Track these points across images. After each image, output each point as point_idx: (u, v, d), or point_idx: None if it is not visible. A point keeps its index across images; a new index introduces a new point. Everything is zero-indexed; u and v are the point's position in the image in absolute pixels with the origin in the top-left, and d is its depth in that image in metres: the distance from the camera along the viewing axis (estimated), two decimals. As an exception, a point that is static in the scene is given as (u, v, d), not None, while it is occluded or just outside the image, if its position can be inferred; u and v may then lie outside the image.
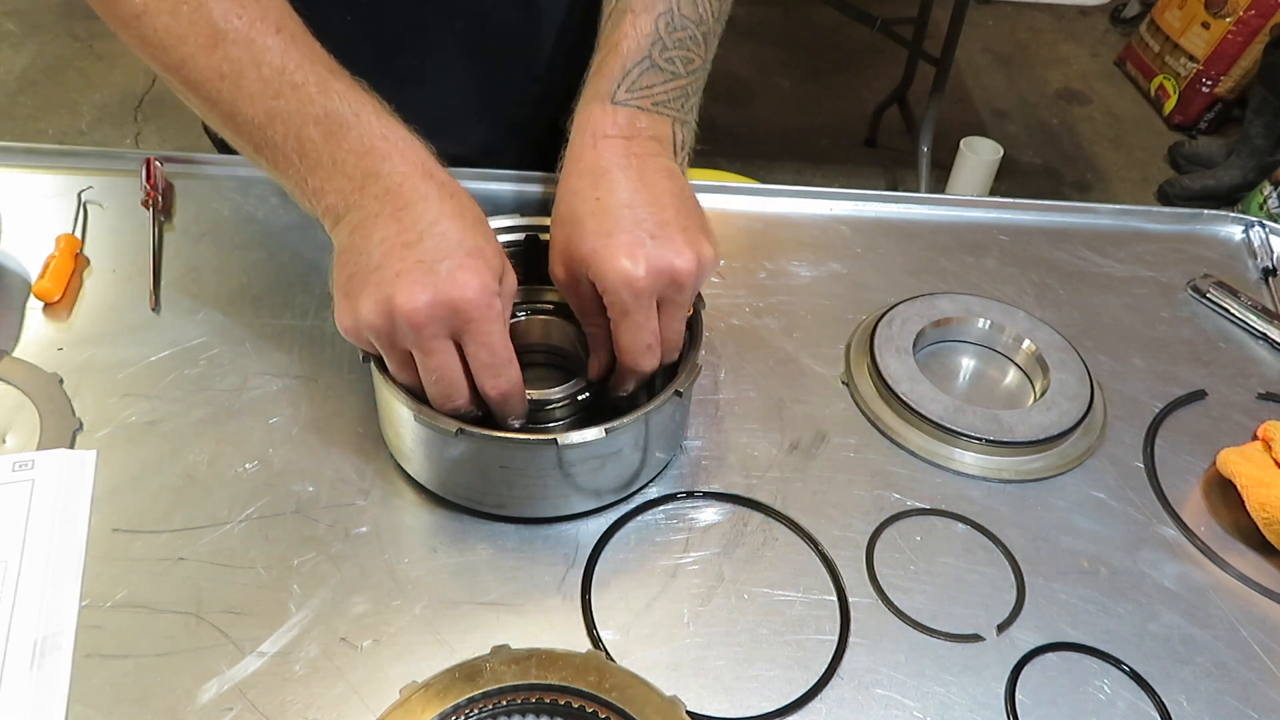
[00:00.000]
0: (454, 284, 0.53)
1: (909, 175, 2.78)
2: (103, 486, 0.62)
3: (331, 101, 0.57)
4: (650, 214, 0.59)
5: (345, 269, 0.56)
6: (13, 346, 0.71)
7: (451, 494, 0.63)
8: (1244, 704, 0.57)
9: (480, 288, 0.53)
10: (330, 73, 0.58)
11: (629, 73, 0.63)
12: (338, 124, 0.57)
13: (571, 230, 0.60)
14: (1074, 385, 0.73)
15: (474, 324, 0.54)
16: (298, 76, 0.57)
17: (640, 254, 0.57)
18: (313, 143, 0.57)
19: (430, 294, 0.52)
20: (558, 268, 0.62)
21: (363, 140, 0.57)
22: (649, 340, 0.59)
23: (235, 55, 0.57)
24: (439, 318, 0.53)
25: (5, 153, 0.87)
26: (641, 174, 0.61)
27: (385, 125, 0.58)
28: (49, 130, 2.77)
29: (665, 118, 0.63)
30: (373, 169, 0.56)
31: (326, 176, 0.57)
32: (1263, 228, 0.92)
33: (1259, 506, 0.65)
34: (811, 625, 0.59)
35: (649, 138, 0.62)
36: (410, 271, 0.53)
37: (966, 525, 0.65)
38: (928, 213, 0.93)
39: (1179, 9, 3.22)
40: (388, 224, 0.55)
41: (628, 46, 0.63)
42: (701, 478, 0.67)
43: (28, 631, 0.54)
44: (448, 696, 0.51)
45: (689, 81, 0.65)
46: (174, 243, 0.81)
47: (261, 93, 0.57)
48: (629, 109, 0.62)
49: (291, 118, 0.57)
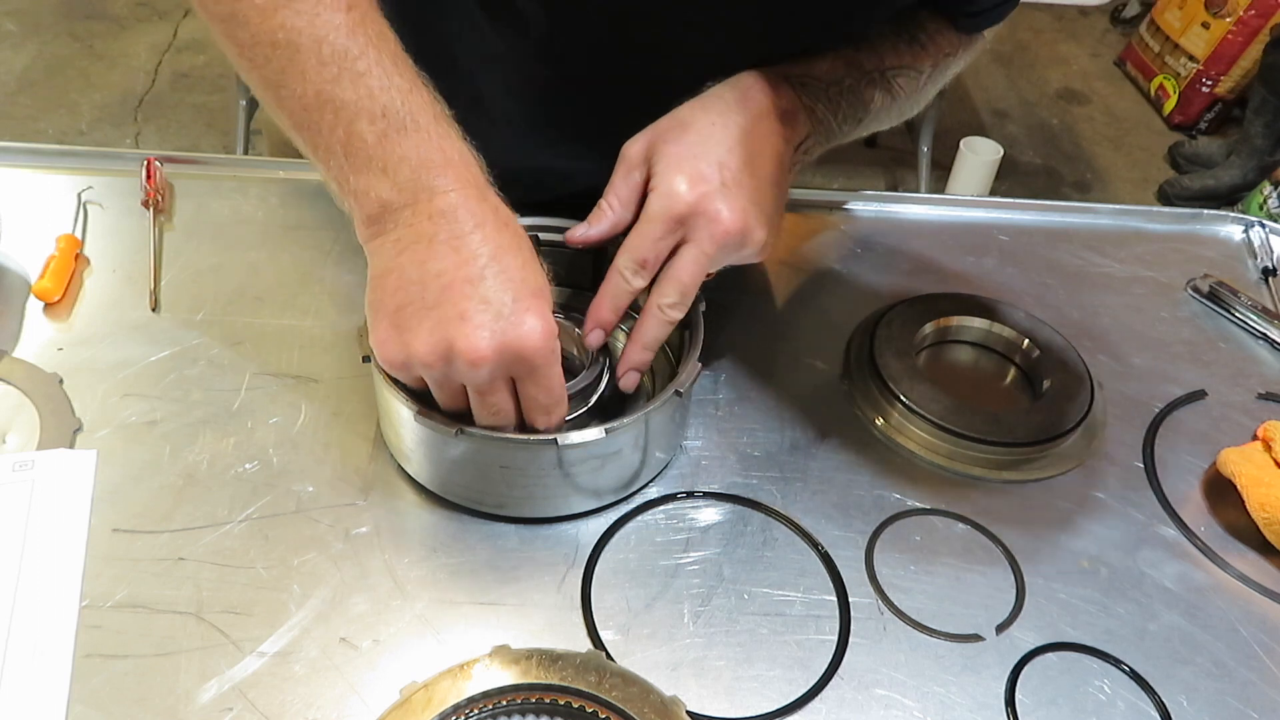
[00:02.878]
0: (520, 329, 0.51)
1: (909, 175, 2.78)
2: (103, 486, 0.62)
3: (391, 100, 0.53)
4: (739, 169, 0.60)
5: (394, 296, 0.53)
6: (13, 346, 0.71)
7: (451, 494, 0.63)
8: (1244, 704, 0.57)
9: (545, 333, 0.52)
10: (394, 63, 0.54)
11: (811, 77, 0.66)
12: (396, 126, 0.52)
13: (675, 129, 0.61)
14: (1074, 385, 0.73)
15: (538, 370, 0.53)
16: (361, 64, 0.53)
17: (699, 187, 0.59)
18: (363, 141, 0.53)
19: (498, 341, 0.51)
20: (637, 143, 0.62)
21: (419, 150, 0.53)
22: (648, 255, 0.60)
23: (296, 25, 0.52)
24: (504, 363, 0.52)
25: (5, 153, 0.87)
26: (760, 145, 0.62)
27: (443, 136, 0.54)
28: (49, 130, 2.77)
29: (810, 120, 0.66)
30: (426, 183, 0.53)
31: (374, 181, 0.53)
32: (1263, 228, 0.92)
33: (1259, 506, 0.65)
34: (811, 625, 0.59)
35: (788, 124, 0.64)
36: (475, 315, 0.51)
37: (966, 525, 0.65)
38: (928, 213, 0.93)
39: (1179, 9, 3.22)
40: (445, 253, 0.52)
41: (820, 64, 0.67)
42: (701, 478, 0.67)
43: (28, 631, 0.54)
44: (448, 696, 0.51)
45: (835, 126, 0.68)
46: (174, 243, 0.81)
47: (317, 73, 0.52)
48: (792, 90, 0.65)
49: (345, 108, 0.53)
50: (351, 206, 0.55)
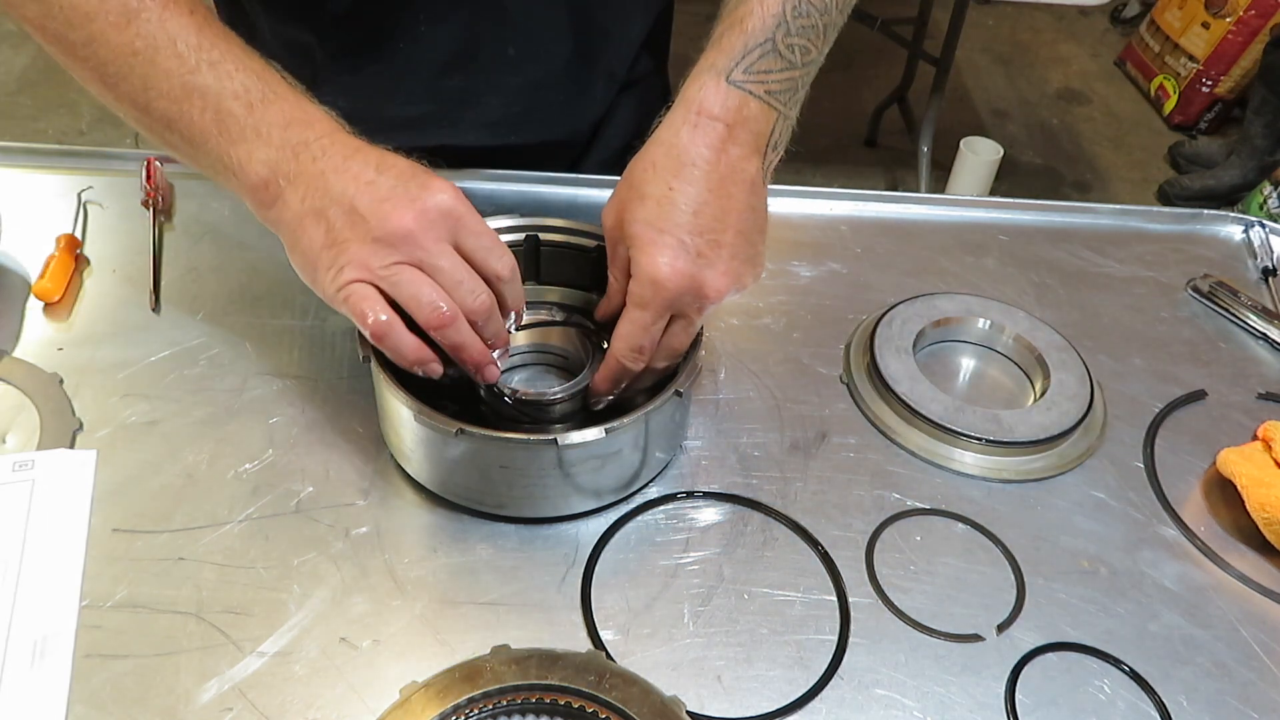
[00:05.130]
0: (429, 194, 0.56)
1: (909, 175, 2.78)
2: (103, 486, 0.62)
3: (250, 78, 0.58)
4: (710, 228, 0.59)
5: (315, 230, 0.57)
6: (13, 346, 0.71)
7: (451, 494, 0.63)
8: (1244, 704, 0.57)
9: (451, 189, 0.57)
10: (244, 52, 0.60)
11: (749, 52, 0.61)
12: (258, 98, 0.58)
13: (634, 200, 0.60)
14: (1074, 385, 0.73)
15: (464, 220, 0.57)
16: (214, 54, 0.58)
17: (679, 266, 0.58)
18: (234, 116, 0.58)
19: (417, 209, 0.55)
20: (609, 218, 0.63)
21: (284, 113, 0.58)
22: (644, 342, 0.60)
23: (149, 32, 0.58)
24: (432, 221, 0.56)
25: (5, 153, 0.87)
26: (724, 180, 0.60)
27: (300, 100, 0.59)
28: (49, 130, 2.77)
29: (772, 110, 0.62)
30: (300, 138, 0.58)
31: (252, 147, 0.58)
32: (1263, 228, 0.92)
33: (1259, 506, 0.65)
34: (811, 625, 0.59)
35: (750, 131, 0.61)
36: (386, 199, 0.55)
37: (966, 525, 0.65)
38: (928, 213, 0.93)
39: (1179, 9, 3.22)
40: (341, 180, 0.56)
41: (752, 25, 0.62)
42: (701, 478, 0.67)
43: (28, 631, 0.54)
44: (448, 696, 0.51)
45: (801, 74, 0.64)
46: (174, 243, 0.81)
47: (178, 68, 0.58)
48: (741, 92, 0.61)
49: (209, 92, 0.58)
50: (238, 180, 0.59)
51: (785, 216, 0.90)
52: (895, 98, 2.92)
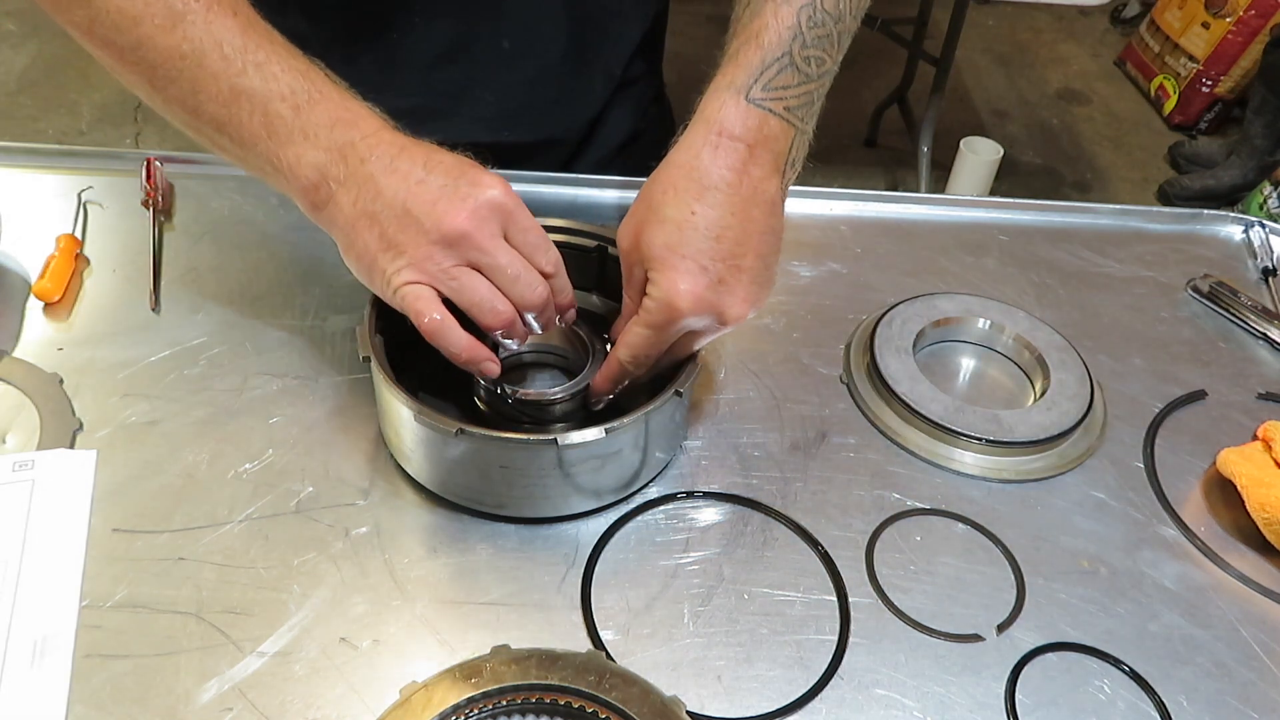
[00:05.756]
0: (481, 191, 0.56)
1: (909, 175, 2.78)
2: (103, 486, 0.62)
3: (295, 78, 0.58)
4: (732, 254, 0.59)
5: (373, 235, 0.57)
6: (13, 346, 0.71)
7: (451, 494, 0.63)
8: (1244, 704, 0.57)
9: (501, 184, 0.57)
10: (289, 52, 0.59)
11: (768, 68, 0.61)
12: (305, 99, 0.58)
13: (654, 223, 0.60)
14: (1074, 385, 0.73)
15: (514, 214, 0.58)
16: (260, 55, 0.58)
17: (698, 293, 0.58)
18: (281, 118, 0.58)
19: (470, 207, 0.56)
20: (625, 239, 0.62)
21: (330, 113, 0.58)
22: (651, 354, 0.60)
23: (195, 35, 0.58)
24: (485, 218, 0.56)
25: (5, 153, 0.87)
26: (746, 203, 0.59)
27: (346, 99, 0.59)
28: (49, 130, 2.77)
29: (791, 127, 0.62)
30: (346, 138, 0.58)
31: (301, 149, 0.58)
32: (1263, 228, 0.92)
33: (1259, 506, 0.65)
34: (811, 625, 0.59)
35: (770, 152, 0.61)
36: (442, 203, 0.56)
37: (966, 525, 0.65)
38: (928, 213, 0.93)
39: (1179, 9, 3.22)
40: (390, 181, 0.56)
41: (768, 39, 0.61)
42: (701, 478, 0.67)
43: (28, 631, 0.54)
44: (448, 696, 0.51)
45: (817, 86, 0.63)
46: (174, 243, 0.81)
47: (225, 71, 0.58)
48: (761, 111, 0.60)
49: (257, 94, 0.58)
50: (288, 182, 0.59)
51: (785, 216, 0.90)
52: (895, 98, 2.92)
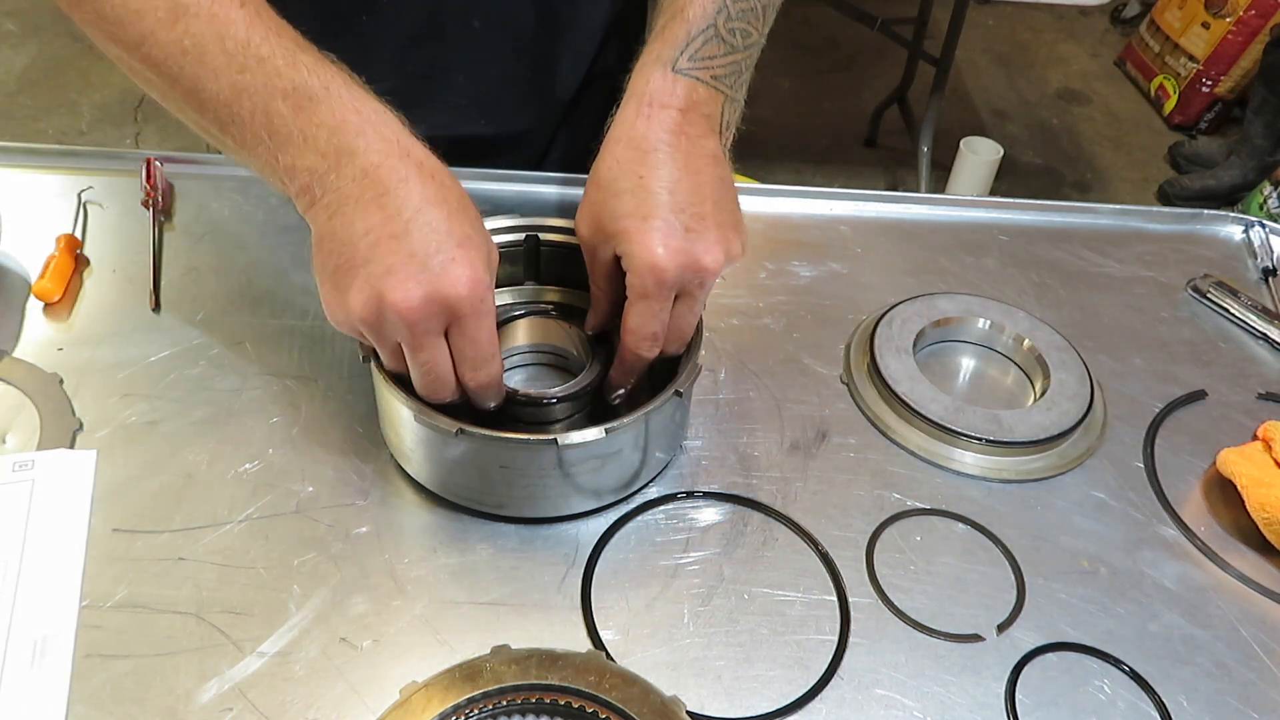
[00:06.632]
0: (447, 279, 0.52)
1: (909, 175, 2.78)
2: (103, 486, 0.62)
3: (299, 74, 0.55)
4: (690, 203, 0.59)
5: (330, 258, 0.55)
6: (13, 346, 0.71)
7: (451, 494, 0.63)
8: (1244, 704, 0.57)
9: (473, 282, 0.53)
10: (297, 46, 0.56)
11: (693, 40, 0.61)
12: (307, 97, 0.54)
13: (609, 199, 0.60)
14: (1074, 385, 0.73)
15: (465, 319, 0.54)
16: (264, 50, 0.55)
17: (673, 245, 0.57)
18: (281, 117, 0.55)
19: (424, 290, 0.52)
20: (584, 227, 0.62)
21: (334, 114, 0.54)
22: (656, 329, 0.60)
23: (197, 30, 0.55)
24: (432, 314, 0.53)
25: (5, 153, 0.87)
26: (689, 157, 0.60)
27: (356, 98, 0.56)
28: (49, 130, 2.77)
29: (720, 94, 0.62)
30: (346, 145, 0.54)
31: (298, 153, 0.55)
32: (1263, 228, 0.92)
33: (1259, 506, 0.65)
34: (811, 625, 0.59)
35: (702, 115, 0.61)
36: (402, 268, 0.52)
37: (966, 525, 0.65)
38: (928, 213, 0.93)
39: (1179, 9, 3.22)
40: (370, 212, 0.53)
41: (693, 13, 0.62)
42: (701, 478, 0.67)
43: (28, 631, 0.54)
44: (448, 696, 0.51)
45: (744, 57, 0.64)
46: (174, 243, 0.81)
47: (226, 67, 0.55)
48: (689, 79, 0.61)
49: (258, 92, 0.55)
50: (286, 185, 0.57)
51: (785, 216, 0.90)
52: (895, 98, 2.92)
